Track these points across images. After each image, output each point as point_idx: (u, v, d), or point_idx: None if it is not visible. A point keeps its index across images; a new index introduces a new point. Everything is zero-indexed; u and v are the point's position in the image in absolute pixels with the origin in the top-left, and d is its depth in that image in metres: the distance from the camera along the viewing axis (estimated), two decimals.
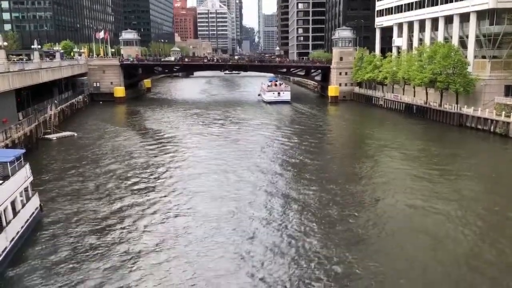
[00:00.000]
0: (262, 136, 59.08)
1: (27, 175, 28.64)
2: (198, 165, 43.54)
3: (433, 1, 78.37)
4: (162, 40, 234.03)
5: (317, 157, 47.69)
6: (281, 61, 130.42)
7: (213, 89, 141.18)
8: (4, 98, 49.04)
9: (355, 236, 27.00)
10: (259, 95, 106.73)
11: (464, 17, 70.47)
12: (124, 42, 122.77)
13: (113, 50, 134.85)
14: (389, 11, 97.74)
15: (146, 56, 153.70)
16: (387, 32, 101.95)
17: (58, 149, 52.08)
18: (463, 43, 71.03)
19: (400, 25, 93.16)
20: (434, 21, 79.73)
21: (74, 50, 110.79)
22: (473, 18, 67.76)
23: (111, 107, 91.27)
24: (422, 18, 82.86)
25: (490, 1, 63.10)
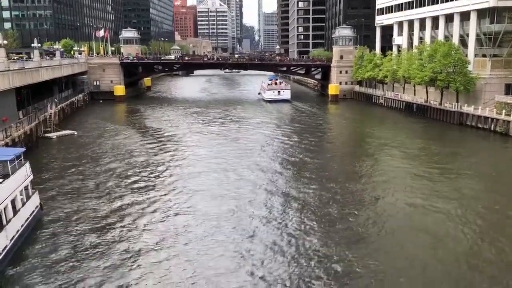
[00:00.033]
0: (262, 135, 59.07)
1: (27, 174, 28.64)
2: (198, 164, 43.54)
3: (434, 0, 78.28)
4: (162, 39, 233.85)
5: (317, 156, 47.69)
6: (281, 60, 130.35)
7: (213, 88, 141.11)
8: (4, 97, 49.03)
9: (355, 235, 27.01)
10: (259, 94, 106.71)
11: (465, 16, 70.40)
12: (124, 41, 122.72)
13: (113, 49, 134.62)
14: (390, 10, 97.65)
15: (146, 55, 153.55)
16: (388, 31, 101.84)
17: (58, 148, 52.07)
18: (464, 42, 70.98)
19: (401, 24, 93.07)
20: (435, 20, 79.65)
21: (74, 49, 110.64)
22: (474, 17, 67.69)
23: (111, 106, 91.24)
24: (423, 17, 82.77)
25: (491, 0, 63.04)
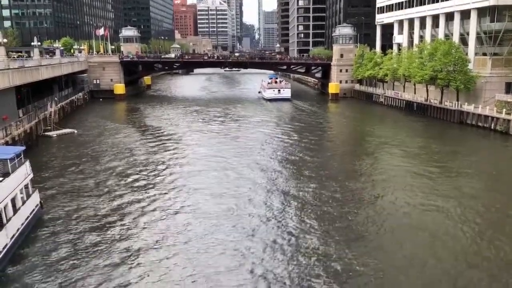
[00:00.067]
0: (262, 133, 59.07)
1: (27, 172, 28.65)
2: (198, 162, 43.55)
3: None
4: (162, 37, 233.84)
5: (317, 154, 47.70)
6: (282, 58, 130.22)
7: (213, 86, 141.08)
8: (4, 95, 49.04)
9: (355, 233, 27.02)
10: (259, 93, 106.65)
11: (465, 14, 70.32)
12: (124, 39, 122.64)
13: (113, 47, 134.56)
14: (390, 8, 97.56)
15: (146, 53, 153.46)
16: (388, 29, 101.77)
17: (58, 146, 52.09)
18: (464, 40, 70.91)
19: (401, 22, 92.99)
20: (435, 18, 79.58)
21: (74, 47, 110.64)
22: (474, 15, 67.62)
23: (111, 104, 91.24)
24: (423, 15, 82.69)
25: None
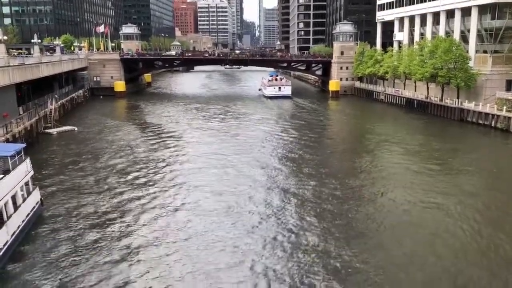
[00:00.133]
0: (262, 131, 59.04)
1: (28, 170, 28.67)
2: (198, 160, 43.57)
3: None
4: (163, 34, 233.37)
5: (317, 152, 47.70)
6: (282, 56, 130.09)
7: (214, 84, 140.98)
8: (5, 93, 49.04)
9: (355, 230, 27.06)
10: (260, 90, 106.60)
11: (466, 11, 70.18)
12: (125, 36, 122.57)
13: (113, 44, 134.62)
14: (390, 5, 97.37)
15: (147, 51, 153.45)
16: (388, 27, 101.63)
17: (59, 144, 52.10)
18: (465, 38, 70.80)
19: (401, 20, 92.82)
20: (436, 15, 79.43)
21: (74, 44, 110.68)
22: (475, 12, 67.49)
23: (112, 102, 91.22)
24: (424, 12, 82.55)
25: None
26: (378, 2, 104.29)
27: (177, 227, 27.44)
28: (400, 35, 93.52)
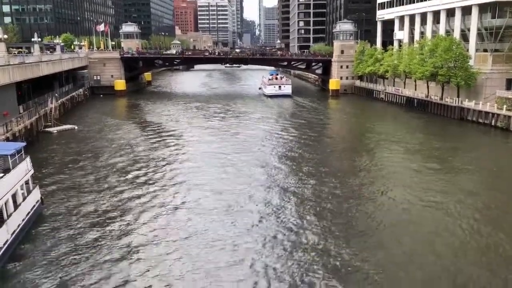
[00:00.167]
0: (262, 130, 59.06)
1: (28, 168, 28.70)
2: (198, 158, 43.60)
3: None
4: (163, 33, 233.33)
5: (317, 151, 47.72)
6: (283, 55, 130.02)
7: (214, 83, 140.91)
8: (5, 91, 49.04)
9: (354, 229, 27.09)
10: (260, 89, 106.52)
11: (466, 10, 70.14)
12: (125, 35, 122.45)
13: (114, 43, 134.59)
14: (391, 4, 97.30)
15: (147, 49, 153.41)
16: (389, 25, 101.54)
17: (59, 142, 52.12)
18: (465, 36, 70.76)
19: (402, 18, 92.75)
20: (436, 14, 79.38)
21: (75, 43, 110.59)
22: (475, 11, 67.45)
23: (112, 100, 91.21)
24: (424, 11, 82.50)
25: None
26: (378, 1, 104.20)
27: (177, 226, 27.46)
28: (400, 34, 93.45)
